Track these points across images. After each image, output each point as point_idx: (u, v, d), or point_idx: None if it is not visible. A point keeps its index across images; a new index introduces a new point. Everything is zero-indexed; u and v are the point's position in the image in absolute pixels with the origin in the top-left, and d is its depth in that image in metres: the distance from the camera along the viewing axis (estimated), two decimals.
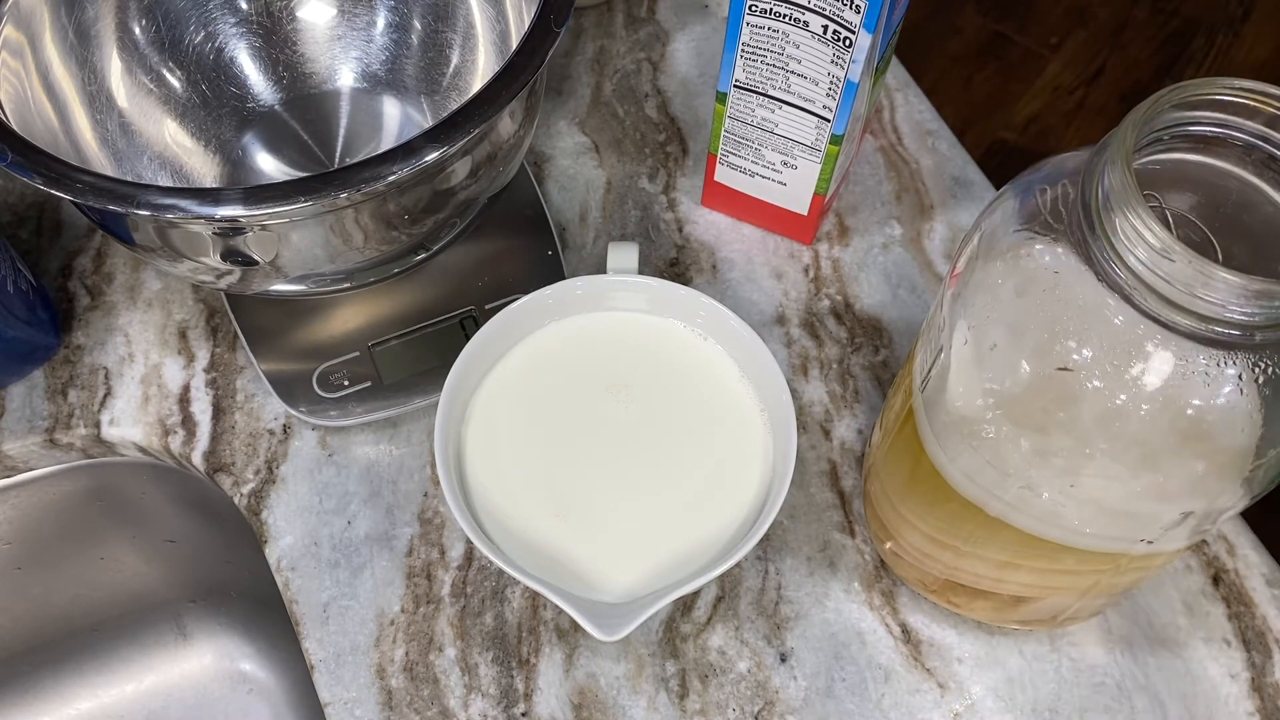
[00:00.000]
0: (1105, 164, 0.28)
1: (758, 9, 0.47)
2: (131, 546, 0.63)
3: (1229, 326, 0.28)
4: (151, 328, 0.55)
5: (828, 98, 0.49)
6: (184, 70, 0.54)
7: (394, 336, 0.52)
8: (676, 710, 0.45)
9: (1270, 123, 0.29)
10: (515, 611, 0.48)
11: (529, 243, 0.56)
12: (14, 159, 0.40)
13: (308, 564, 0.49)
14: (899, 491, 0.44)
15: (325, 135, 0.56)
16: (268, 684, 0.69)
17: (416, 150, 0.40)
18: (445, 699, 0.46)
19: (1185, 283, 0.27)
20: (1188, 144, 0.30)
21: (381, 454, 0.52)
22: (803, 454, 0.51)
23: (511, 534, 0.43)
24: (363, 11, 0.57)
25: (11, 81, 0.45)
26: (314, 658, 0.47)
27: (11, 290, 0.50)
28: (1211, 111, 0.29)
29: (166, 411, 0.53)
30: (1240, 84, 0.28)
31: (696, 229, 0.59)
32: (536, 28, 0.44)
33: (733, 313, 0.46)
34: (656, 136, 0.62)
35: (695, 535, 0.43)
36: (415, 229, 0.46)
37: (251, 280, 0.46)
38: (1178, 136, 0.30)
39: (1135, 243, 0.27)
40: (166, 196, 0.39)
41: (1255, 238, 0.30)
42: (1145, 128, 0.29)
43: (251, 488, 0.51)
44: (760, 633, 0.47)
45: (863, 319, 0.56)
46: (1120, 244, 0.28)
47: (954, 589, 0.44)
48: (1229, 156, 0.30)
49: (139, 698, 0.69)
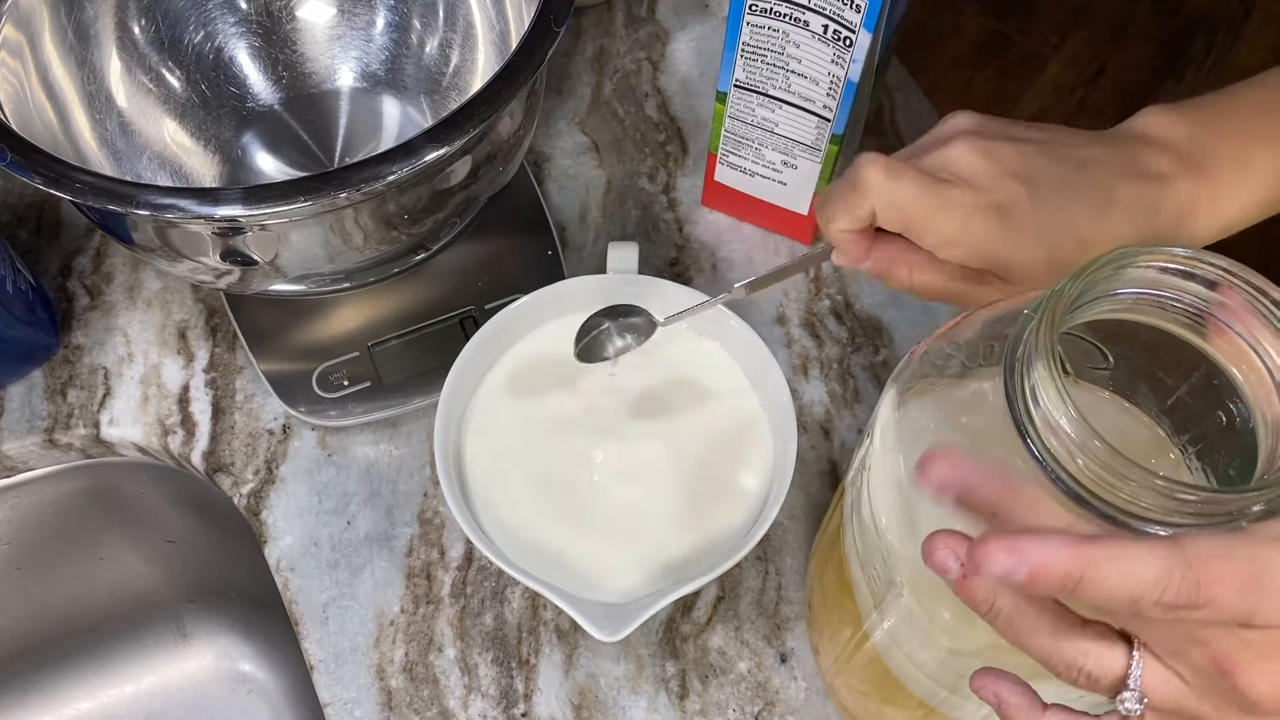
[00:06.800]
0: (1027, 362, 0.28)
1: (758, 9, 0.47)
2: (131, 546, 0.63)
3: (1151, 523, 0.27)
4: (151, 328, 0.55)
5: (828, 97, 0.49)
6: (183, 70, 0.54)
7: (394, 336, 0.52)
8: (676, 710, 0.45)
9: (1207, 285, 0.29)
10: (515, 612, 0.48)
11: (529, 243, 0.56)
12: (13, 159, 0.40)
13: (307, 564, 0.49)
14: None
15: (325, 135, 0.56)
16: (267, 684, 0.69)
17: (416, 150, 0.40)
18: (445, 699, 0.46)
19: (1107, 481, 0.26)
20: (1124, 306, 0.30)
21: (381, 454, 0.51)
22: (803, 454, 0.51)
23: (511, 534, 0.43)
24: (362, 11, 0.57)
25: (11, 81, 0.45)
26: (313, 658, 0.47)
27: (11, 290, 0.50)
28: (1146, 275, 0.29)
29: (166, 411, 0.53)
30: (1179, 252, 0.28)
31: (696, 229, 0.59)
32: (536, 27, 0.43)
33: (733, 313, 0.46)
34: (656, 136, 0.62)
35: (695, 535, 0.43)
36: (415, 229, 0.46)
37: (251, 280, 0.45)
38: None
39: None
40: (166, 196, 0.39)
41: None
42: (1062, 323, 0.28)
43: (251, 488, 0.51)
44: (760, 633, 0.47)
45: (863, 319, 0.56)
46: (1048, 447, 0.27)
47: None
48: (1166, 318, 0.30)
49: (138, 698, 0.69)
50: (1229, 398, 0.29)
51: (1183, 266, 0.28)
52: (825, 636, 0.44)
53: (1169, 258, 0.28)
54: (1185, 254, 0.28)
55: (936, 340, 0.34)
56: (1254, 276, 0.28)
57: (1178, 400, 0.31)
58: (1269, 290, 0.27)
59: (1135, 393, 0.32)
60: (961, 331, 0.34)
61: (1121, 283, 0.29)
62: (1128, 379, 0.32)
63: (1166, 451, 0.32)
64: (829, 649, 0.44)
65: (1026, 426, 0.27)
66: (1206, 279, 0.28)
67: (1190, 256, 0.28)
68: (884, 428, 0.34)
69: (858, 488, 0.37)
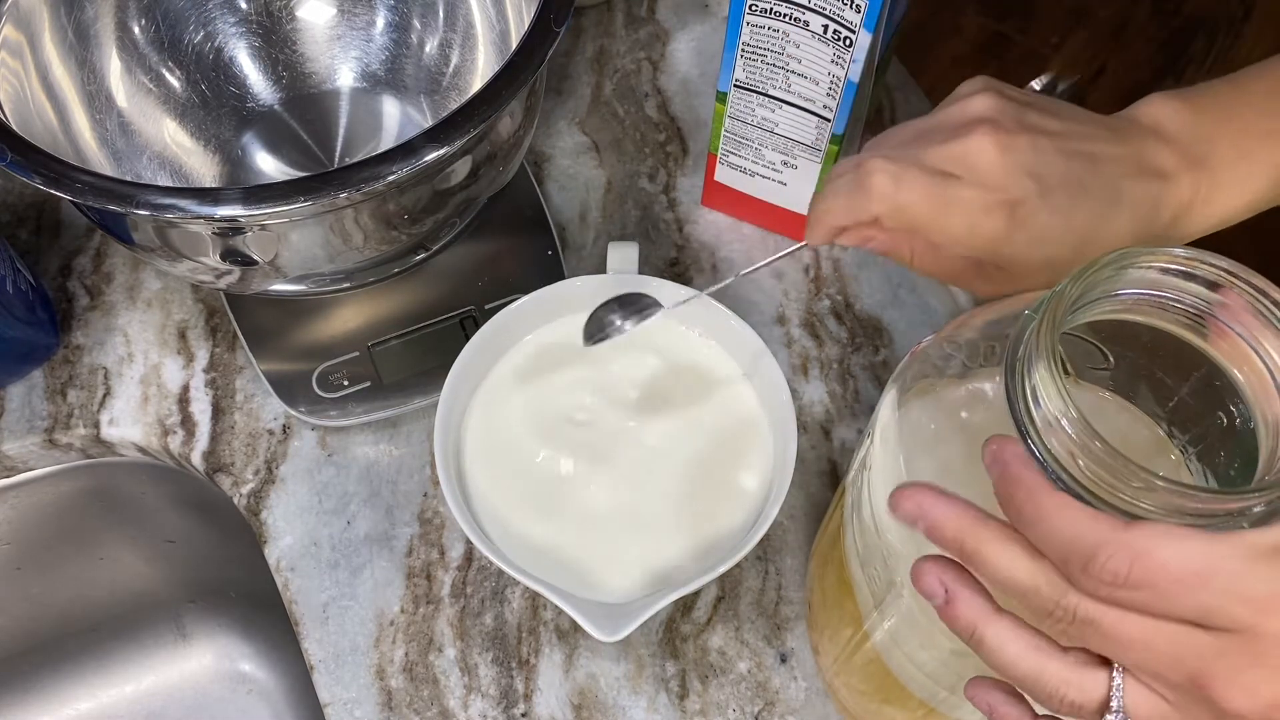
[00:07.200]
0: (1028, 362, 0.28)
1: (758, 9, 0.47)
2: (131, 546, 0.63)
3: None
4: (151, 328, 0.55)
5: (828, 97, 0.49)
6: (183, 70, 0.54)
7: (394, 336, 0.52)
8: (676, 710, 0.45)
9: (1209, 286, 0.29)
10: (515, 612, 0.48)
11: (529, 243, 0.56)
12: (13, 159, 0.40)
13: (307, 564, 0.49)
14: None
15: (325, 135, 0.56)
16: (267, 684, 0.69)
17: (416, 150, 0.40)
18: (445, 699, 0.46)
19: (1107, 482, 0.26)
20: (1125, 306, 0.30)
21: (381, 454, 0.51)
22: (803, 454, 0.51)
23: (511, 534, 0.43)
24: (362, 11, 0.57)
25: (11, 81, 0.45)
26: (313, 658, 0.47)
27: (11, 290, 0.50)
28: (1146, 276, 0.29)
29: (166, 411, 0.53)
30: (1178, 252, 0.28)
31: (696, 229, 0.59)
32: (536, 27, 0.43)
33: (733, 313, 0.46)
34: (656, 136, 0.62)
35: (695, 536, 0.43)
36: (415, 229, 0.46)
37: (251, 280, 0.45)
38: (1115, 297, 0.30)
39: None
40: (166, 196, 0.39)
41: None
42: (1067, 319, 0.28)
43: (251, 488, 0.51)
44: (760, 633, 0.47)
45: (863, 319, 0.56)
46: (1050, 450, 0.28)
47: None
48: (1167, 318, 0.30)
49: (138, 698, 0.69)
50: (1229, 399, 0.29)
51: (1184, 267, 0.28)
52: (825, 636, 0.44)
53: (1170, 258, 0.28)
54: (1186, 255, 0.28)
55: (937, 340, 0.34)
56: (1255, 277, 0.28)
57: (1178, 401, 0.31)
58: (1270, 291, 0.27)
59: (1136, 393, 0.32)
60: (962, 332, 0.34)
61: (1122, 283, 0.29)
62: (1128, 379, 0.32)
63: (1167, 452, 0.32)
64: (829, 649, 0.44)
65: (1027, 427, 0.27)
66: (1207, 280, 0.28)
67: (1191, 257, 0.28)
68: (884, 427, 0.34)
69: (858, 488, 0.37)
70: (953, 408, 0.33)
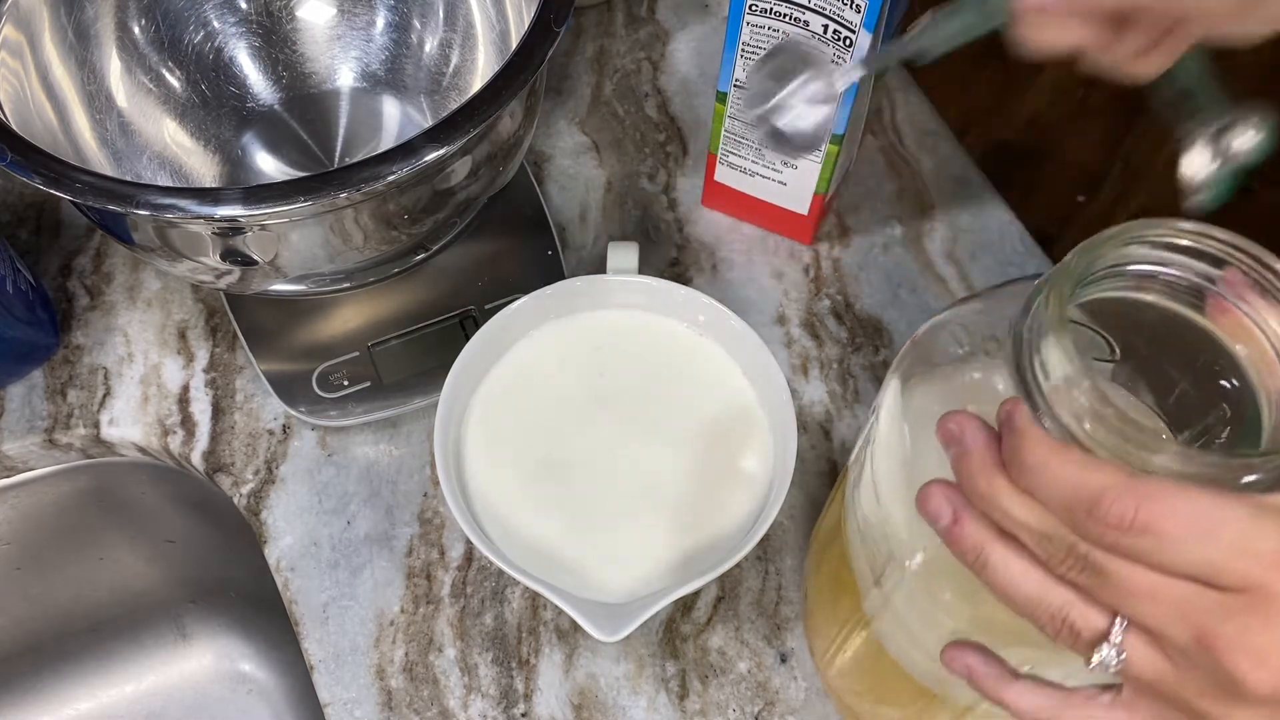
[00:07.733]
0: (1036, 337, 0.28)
1: (758, 9, 0.47)
2: (131, 546, 0.63)
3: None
4: (151, 328, 0.55)
5: None
6: (183, 70, 0.54)
7: (394, 336, 0.52)
8: (676, 710, 0.45)
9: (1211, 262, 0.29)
10: (515, 612, 0.48)
11: (529, 243, 0.56)
12: (13, 159, 0.40)
13: (307, 564, 0.49)
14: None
15: (325, 135, 0.56)
16: (267, 684, 0.69)
17: (416, 150, 0.40)
18: (445, 699, 0.46)
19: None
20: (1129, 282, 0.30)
21: (381, 454, 0.51)
22: (803, 454, 0.51)
23: (511, 534, 0.43)
24: (362, 11, 0.57)
25: (11, 81, 0.45)
26: (313, 658, 0.47)
27: (11, 290, 0.50)
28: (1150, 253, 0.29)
29: (166, 411, 0.53)
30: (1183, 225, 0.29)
31: (696, 229, 0.59)
32: (536, 27, 0.43)
33: (733, 313, 0.46)
34: (656, 136, 0.62)
35: (695, 535, 0.43)
36: (415, 229, 0.46)
37: (251, 280, 0.45)
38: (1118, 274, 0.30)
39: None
40: (166, 196, 0.39)
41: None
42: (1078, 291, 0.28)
43: (251, 488, 0.51)
44: (760, 633, 0.47)
45: (863, 319, 0.56)
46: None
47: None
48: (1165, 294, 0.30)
49: (138, 698, 0.69)
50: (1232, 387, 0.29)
51: (1188, 241, 0.28)
52: (819, 630, 0.44)
53: (1175, 232, 0.28)
54: (1192, 228, 0.28)
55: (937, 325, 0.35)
56: (1255, 248, 0.28)
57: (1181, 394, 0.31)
58: (1271, 262, 0.27)
59: (1139, 389, 0.33)
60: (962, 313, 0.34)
61: (1127, 258, 0.29)
62: (1132, 374, 0.32)
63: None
64: (825, 632, 0.44)
65: (1036, 399, 0.27)
66: (1210, 254, 0.28)
67: (1196, 231, 0.28)
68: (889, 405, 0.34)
69: (860, 463, 0.37)
70: (957, 385, 0.33)
